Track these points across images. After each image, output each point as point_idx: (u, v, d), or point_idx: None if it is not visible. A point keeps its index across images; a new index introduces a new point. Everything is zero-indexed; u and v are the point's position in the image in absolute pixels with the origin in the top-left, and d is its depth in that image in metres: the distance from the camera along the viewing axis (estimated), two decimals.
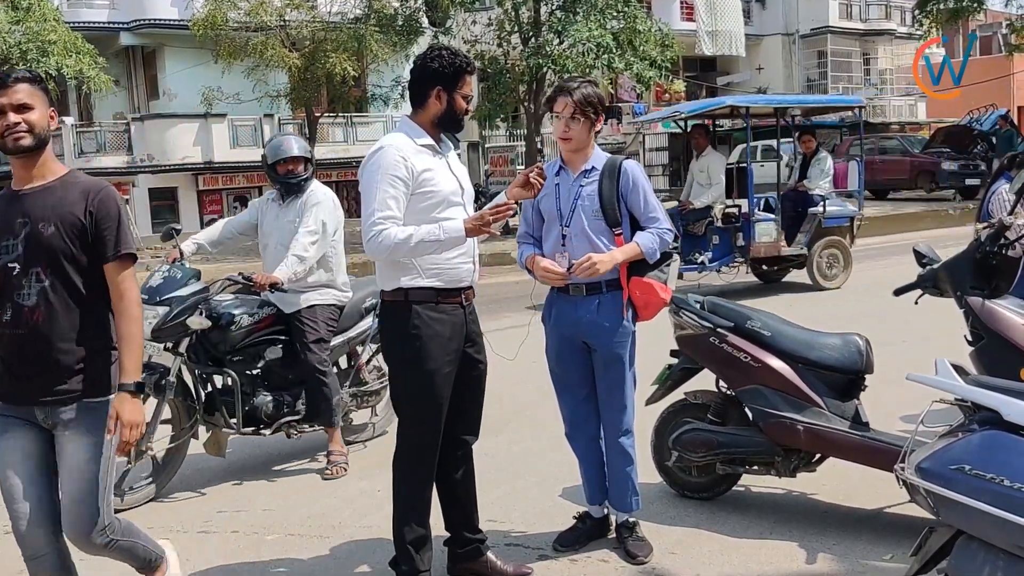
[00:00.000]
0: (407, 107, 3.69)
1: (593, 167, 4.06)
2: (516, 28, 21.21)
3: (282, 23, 20.59)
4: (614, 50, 20.05)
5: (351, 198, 29.88)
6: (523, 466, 5.47)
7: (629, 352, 4.07)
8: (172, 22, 25.21)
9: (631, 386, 4.12)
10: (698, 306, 4.59)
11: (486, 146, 27.57)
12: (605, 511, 4.31)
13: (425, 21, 22.65)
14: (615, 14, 20.62)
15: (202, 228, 10.16)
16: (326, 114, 23.41)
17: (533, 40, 20.84)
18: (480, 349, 3.88)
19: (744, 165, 11.26)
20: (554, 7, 20.87)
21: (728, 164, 11.79)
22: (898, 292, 4.55)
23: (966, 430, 2.96)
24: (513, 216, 3.68)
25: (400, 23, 21.32)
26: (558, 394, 4.26)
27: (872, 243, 17.38)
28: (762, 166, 30.70)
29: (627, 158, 4.13)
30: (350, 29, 20.45)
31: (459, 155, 3.97)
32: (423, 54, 3.73)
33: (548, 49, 20.15)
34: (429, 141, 3.68)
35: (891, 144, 28.17)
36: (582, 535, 4.28)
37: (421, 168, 3.59)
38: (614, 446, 4.15)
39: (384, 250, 3.53)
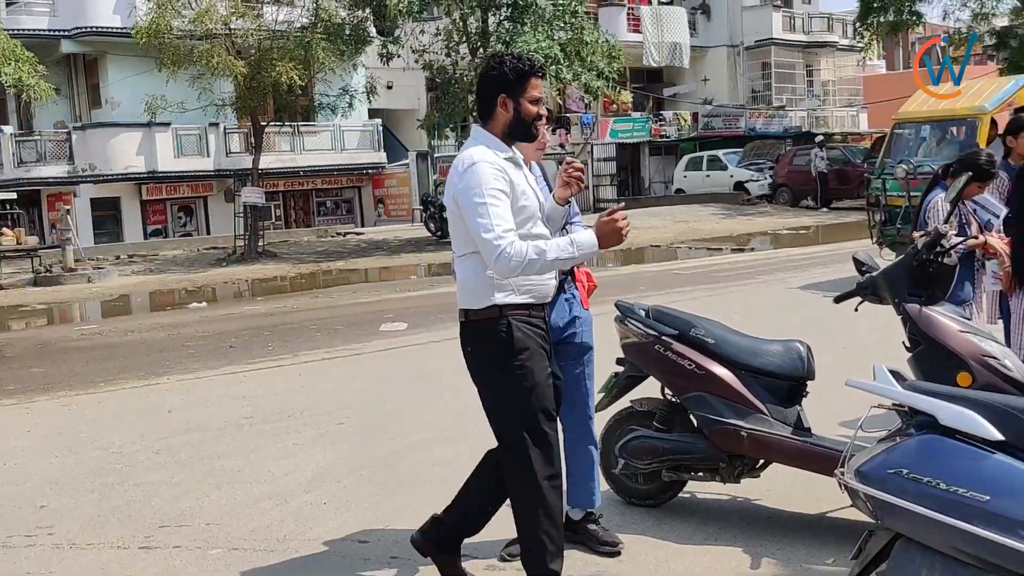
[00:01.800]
0: (356, 116, 3.67)
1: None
2: (464, 38, 21.25)
3: (227, 31, 20.39)
4: (562, 60, 20.20)
5: (297, 208, 29.69)
6: None
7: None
8: (114, 30, 24.86)
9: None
10: (643, 314, 4.62)
11: (435, 156, 27.51)
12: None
13: (373, 30, 22.58)
14: (562, 25, 20.78)
15: (145, 239, 9.98)
16: (272, 123, 23.19)
17: (481, 50, 20.88)
18: (550, 358, 3.81)
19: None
20: (502, 18, 20.95)
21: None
22: (839, 299, 4.62)
23: (904, 435, 3.01)
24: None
25: (347, 32, 21.23)
26: None
27: (815, 251, 17.73)
28: (708, 176, 31.36)
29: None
30: (297, 37, 20.31)
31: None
32: (485, 63, 3.67)
33: None
34: (511, 153, 3.58)
35: (835, 154, 28.70)
36: None
37: (516, 182, 3.50)
38: (584, 437, 4.24)
39: (516, 268, 3.34)
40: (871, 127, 39.97)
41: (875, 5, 28.35)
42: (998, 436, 2.79)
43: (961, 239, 4.80)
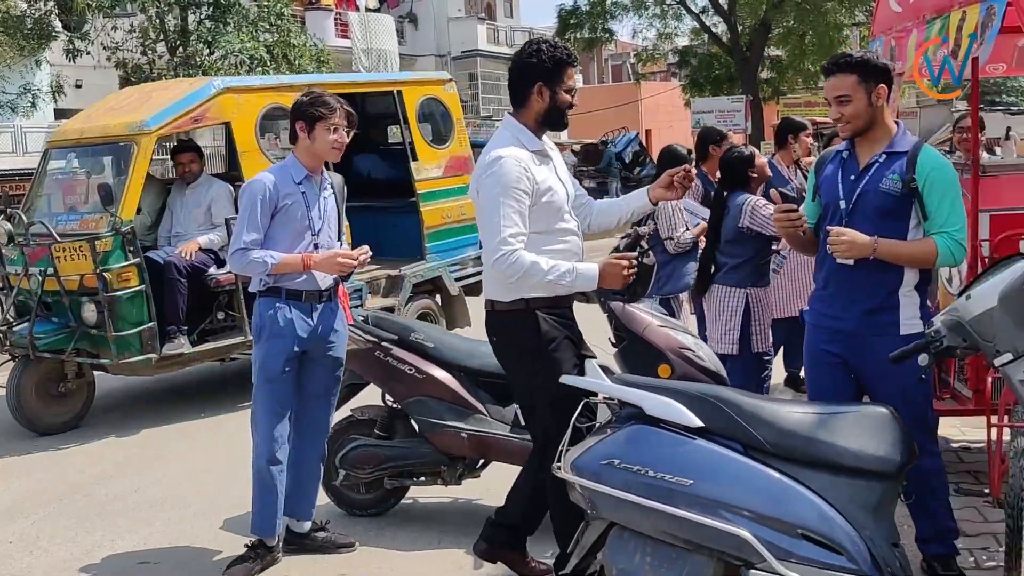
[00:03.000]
0: (40, 116, 3.27)
1: (326, 177, 4.20)
2: (162, 36, 20.11)
3: None
4: (268, 63, 19.63)
5: None
6: (178, 500, 5.12)
7: None
8: None
9: None
10: (363, 320, 4.55)
11: None
12: (275, 540, 4.13)
13: (58, 24, 20.84)
14: (268, 27, 20.20)
15: None
16: None
17: (181, 50, 19.87)
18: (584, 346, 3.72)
19: None
20: (203, 16, 20.04)
21: None
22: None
23: (614, 426, 3.14)
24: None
25: (29, 25, 19.45)
26: (274, 418, 4.04)
27: None
28: None
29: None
30: None
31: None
32: (521, 50, 3.55)
33: (198, 59, 19.32)
34: (540, 146, 3.54)
35: None
36: (256, 565, 4.07)
37: (540, 179, 3.45)
38: (316, 449, 4.27)
39: (512, 274, 3.37)
40: (571, 138, 42.20)
41: (572, 22, 29.89)
42: (698, 423, 2.97)
43: (685, 230, 5.45)
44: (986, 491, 4.18)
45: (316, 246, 4.06)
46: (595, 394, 3.22)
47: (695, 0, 28.83)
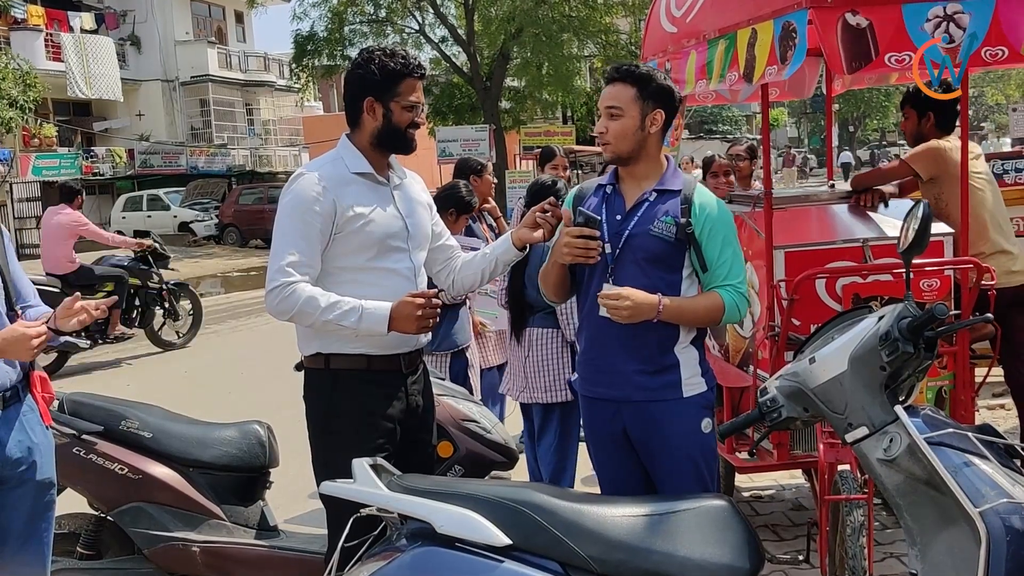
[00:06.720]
0: None
1: None
2: None
3: None
4: None
5: None
6: None
7: None
8: None
9: None
10: (56, 408, 3.53)
11: None
12: None
13: None
14: None
15: None
16: None
17: None
18: (427, 427, 3.15)
19: None
20: None
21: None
22: (300, 367, 3.96)
23: (393, 548, 2.42)
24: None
25: None
26: None
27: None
28: (149, 216, 29.52)
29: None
30: None
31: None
32: (354, 60, 3.03)
33: None
34: (367, 168, 2.98)
35: (279, 193, 28.67)
36: None
37: (349, 203, 2.90)
38: None
39: (284, 311, 2.85)
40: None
41: (308, 48, 28.99)
42: (504, 540, 2.33)
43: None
44: (801, 558, 3.81)
45: None
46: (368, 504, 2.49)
47: (435, 30, 28.75)
